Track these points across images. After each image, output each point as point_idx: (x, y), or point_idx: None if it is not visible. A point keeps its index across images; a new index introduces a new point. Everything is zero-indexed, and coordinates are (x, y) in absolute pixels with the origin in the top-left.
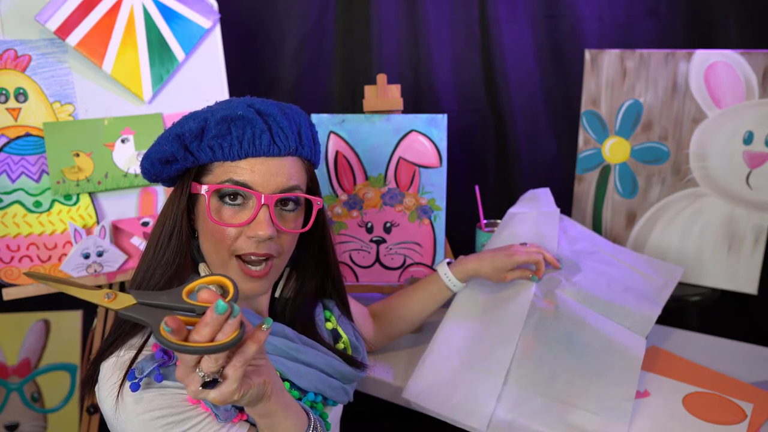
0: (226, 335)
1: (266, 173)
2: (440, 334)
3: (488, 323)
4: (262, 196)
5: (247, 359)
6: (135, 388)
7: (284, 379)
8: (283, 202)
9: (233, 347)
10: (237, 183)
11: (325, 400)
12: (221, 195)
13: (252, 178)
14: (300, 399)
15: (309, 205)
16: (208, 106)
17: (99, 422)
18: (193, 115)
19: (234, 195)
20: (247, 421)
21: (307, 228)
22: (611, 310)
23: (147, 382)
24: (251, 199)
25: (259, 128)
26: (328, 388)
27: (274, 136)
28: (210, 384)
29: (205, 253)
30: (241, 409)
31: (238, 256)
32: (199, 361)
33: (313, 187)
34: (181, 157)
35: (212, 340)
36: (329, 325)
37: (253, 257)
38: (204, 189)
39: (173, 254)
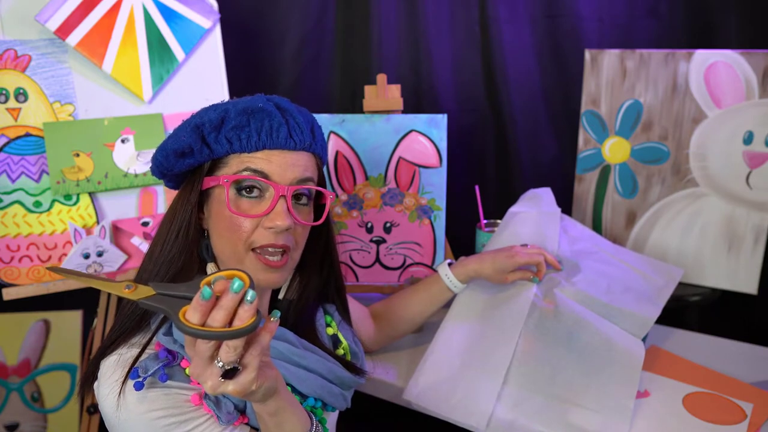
0: (243, 321)
1: (283, 164)
2: (441, 334)
3: (489, 324)
4: (280, 187)
5: (264, 348)
6: (139, 387)
7: (286, 384)
8: (297, 196)
9: (251, 333)
10: (255, 172)
11: (324, 405)
12: (239, 187)
13: (269, 168)
14: (301, 404)
15: (316, 201)
16: (226, 100)
17: (99, 422)
18: (213, 107)
19: (251, 187)
20: (247, 424)
21: (322, 220)
22: (610, 311)
23: (151, 382)
24: (268, 191)
25: (277, 121)
26: (328, 394)
27: (291, 130)
28: (229, 373)
29: (218, 251)
30: (242, 412)
31: (254, 250)
32: (215, 352)
33: (322, 184)
34: (197, 149)
35: (229, 326)
36: (330, 331)
37: (270, 249)
38: (223, 180)
39: (180, 251)
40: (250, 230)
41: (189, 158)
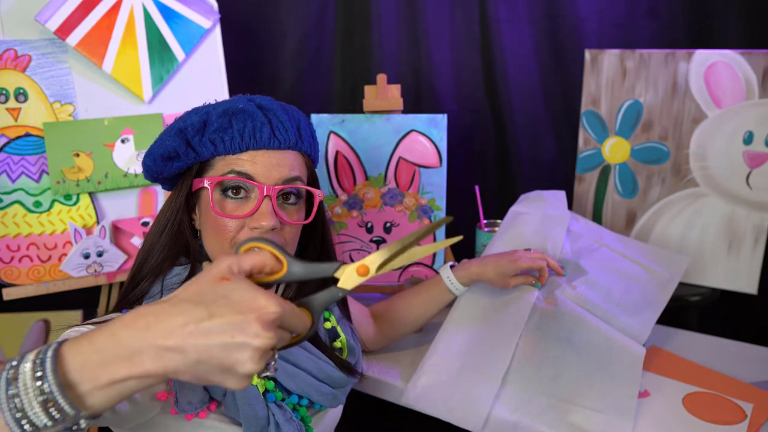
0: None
1: (267, 164)
2: (441, 337)
3: (489, 326)
4: (264, 187)
5: None
6: None
7: (270, 378)
8: (285, 196)
9: None
10: (239, 174)
11: (312, 404)
12: (224, 188)
13: (254, 169)
14: (283, 400)
15: (309, 200)
16: (209, 102)
17: None
18: (195, 110)
19: (236, 188)
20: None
21: (309, 220)
22: (608, 318)
23: None
24: (253, 192)
25: (260, 121)
26: (316, 393)
27: (275, 129)
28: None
29: (209, 251)
30: (205, 405)
31: None
32: None
33: (313, 183)
34: (182, 152)
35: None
36: (328, 325)
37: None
38: (206, 182)
39: (162, 247)
40: (236, 231)
41: (176, 162)
